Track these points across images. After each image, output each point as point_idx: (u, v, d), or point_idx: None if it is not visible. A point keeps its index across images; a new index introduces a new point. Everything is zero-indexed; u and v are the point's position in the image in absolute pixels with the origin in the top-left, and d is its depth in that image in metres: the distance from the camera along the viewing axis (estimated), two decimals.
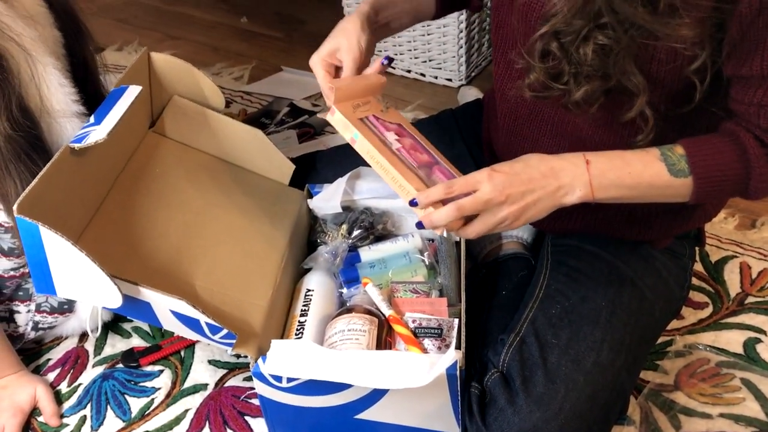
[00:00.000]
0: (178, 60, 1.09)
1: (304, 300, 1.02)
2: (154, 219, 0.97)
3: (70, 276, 0.80)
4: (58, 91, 0.94)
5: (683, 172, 0.77)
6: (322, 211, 1.15)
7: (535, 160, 0.79)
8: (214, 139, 1.13)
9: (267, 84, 1.92)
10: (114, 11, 2.38)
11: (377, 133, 0.88)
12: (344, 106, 0.87)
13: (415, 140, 0.92)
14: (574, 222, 0.99)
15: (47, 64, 0.93)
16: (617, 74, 0.78)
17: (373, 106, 0.91)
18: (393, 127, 0.91)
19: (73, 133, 0.90)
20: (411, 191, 0.81)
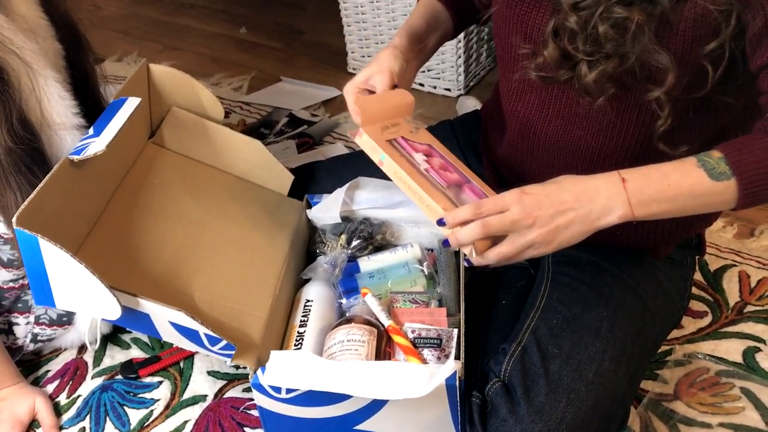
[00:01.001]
0: (177, 71, 1.10)
1: (304, 310, 1.02)
2: (153, 230, 0.97)
3: (70, 288, 0.80)
4: (58, 103, 0.94)
5: (725, 175, 0.72)
6: (321, 221, 1.15)
7: (568, 183, 0.76)
8: (214, 149, 1.13)
9: (266, 94, 1.93)
10: (114, 22, 2.39)
11: (405, 154, 0.88)
12: (372, 128, 0.88)
13: (445, 160, 0.91)
14: None
15: (48, 77, 0.94)
16: (637, 52, 0.76)
17: (402, 128, 0.91)
18: (422, 147, 0.91)
19: (73, 146, 0.90)
20: (438, 211, 0.80)
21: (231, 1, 2.45)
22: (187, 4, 2.47)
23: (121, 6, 2.51)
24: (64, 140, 0.95)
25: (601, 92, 0.81)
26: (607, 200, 0.74)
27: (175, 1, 2.50)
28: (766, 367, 1.07)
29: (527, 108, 0.94)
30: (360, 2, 1.82)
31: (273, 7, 2.39)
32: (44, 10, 1.00)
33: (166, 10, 2.45)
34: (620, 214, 0.74)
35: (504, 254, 0.77)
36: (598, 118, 0.86)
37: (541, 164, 0.97)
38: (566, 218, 0.74)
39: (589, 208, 0.74)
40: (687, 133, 0.86)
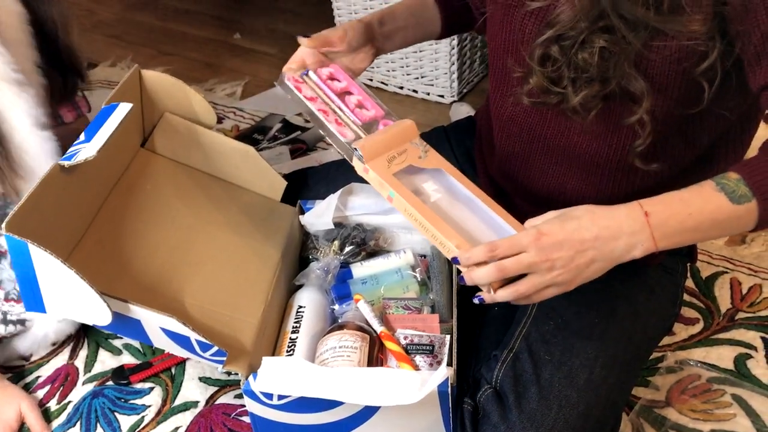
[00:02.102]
0: (170, 77, 1.10)
1: (296, 317, 1.02)
2: (145, 236, 0.97)
3: (60, 294, 0.80)
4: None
5: (746, 197, 0.71)
6: (314, 227, 1.15)
7: (587, 219, 0.73)
8: (206, 155, 1.13)
9: (260, 100, 1.93)
10: (107, 27, 2.39)
11: (415, 185, 0.87)
12: (378, 162, 0.85)
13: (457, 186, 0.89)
14: None
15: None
16: (617, 78, 0.77)
17: (410, 154, 0.88)
18: (431, 175, 0.89)
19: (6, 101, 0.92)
20: (452, 249, 0.79)
21: (225, 6, 2.45)
22: (180, 9, 2.47)
23: (115, 11, 2.51)
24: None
25: (589, 111, 0.81)
26: (630, 237, 0.72)
27: (168, 7, 2.50)
28: (757, 374, 1.08)
29: (519, 123, 0.95)
30: (354, 9, 1.82)
31: (267, 13, 2.39)
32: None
33: (159, 16, 2.45)
34: (643, 249, 0.72)
35: (521, 293, 0.74)
36: (592, 127, 0.86)
37: (536, 170, 0.98)
38: (587, 258, 0.72)
39: (611, 247, 0.72)
40: (678, 148, 0.87)
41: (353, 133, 0.89)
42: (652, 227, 0.71)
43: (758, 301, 1.20)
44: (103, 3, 2.57)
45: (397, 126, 0.90)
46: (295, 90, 0.94)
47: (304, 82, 0.95)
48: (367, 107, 0.94)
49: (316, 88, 0.94)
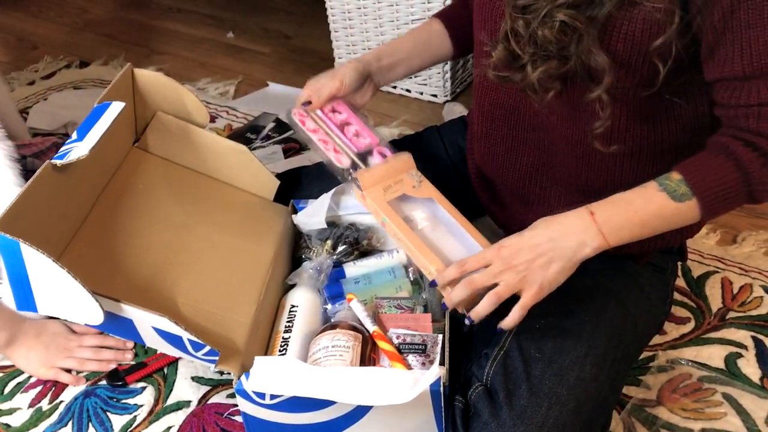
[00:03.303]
0: (162, 76, 1.09)
1: (288, 316, 1.02)
2: (137, 235, 0.97)
3: (52, 293, 0.80)
4: None
5: (686, 196, 0.78)
6: (306, 226, 1.15)
7: (541, 227, 0.82)
8: (199, 154, 1.12)
9: (253, 99, 1.93)
10: (100, 26, 2.38)
11: (406, 213, 0.97)
12: (375, 190, 0.96)
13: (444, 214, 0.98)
14: None
15: None
16: (579, 54, 0.79)
17: (405, 184, 0.99)
18: (423, 205, 0.99)
19: None
20: (433, 273, 0.88)
21: (218, 6, 2.45)
22: (173, 8, 2.47)
23: (108, 9, 2.50)
24: None
25: (547, 91, 0.83)
26: (580, 235, 0.80)
27: (161, 6, 2.50)
28: (747, 373, 1.08)
29: (492, 103, 0.97)
30: (347, 8, 1.82)
31: (260, 13, 2.39)
32: None
33: (152, 15, 2.44)
34: (595, 246, 0.80)
35: (500, 295, 0.82)
36: (559, 108, 0.88)
37: (517, 155, 1.00)
38: (545, 259, 0.80)
39: (564, 246, 0.80)
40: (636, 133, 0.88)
41: (349, 159, 1.01)
42: (598, 224, 0.80)
43: (749, 300, 1.21)
44: (96, 1, 2.57)
45: (396, 158, 1.01)
46: (300, 124, 1.06)
47: (308, 116, 1.06)
48: (363, 136, 1.05)
49: (319, 121, 1.06)
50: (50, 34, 2.35)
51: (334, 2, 1.84)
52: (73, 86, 1.99)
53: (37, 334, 1.09)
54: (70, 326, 1.14)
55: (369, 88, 1.12)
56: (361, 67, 1.08)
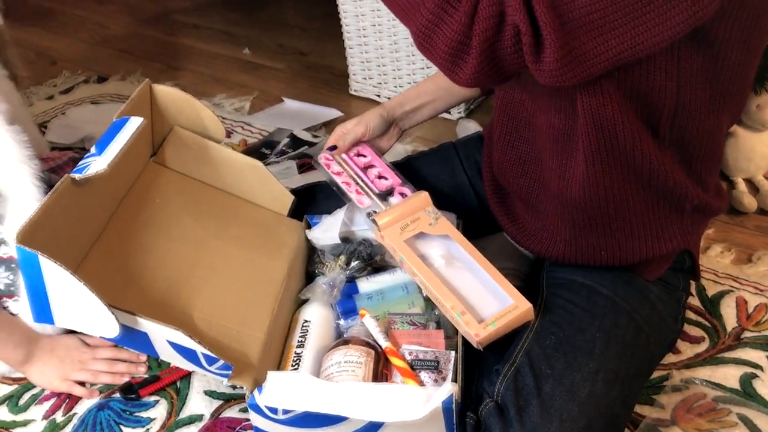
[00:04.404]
0: (180, 91, 1.11)
1: (301, 331, 1.02)
2: (154, 249, 0.98)
3: (69, 305, 0.81)
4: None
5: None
6: (320, 242, 1.16)
7: None
8: (215, 169, 1.14)
9: (268, 115, 1.94)
10: (117, 41, 2.41)
11: (423, 250, 1.00)
12: (392, 229, 1.01)
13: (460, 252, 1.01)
14: (558, 246, 1.00)
15: None
16: None
17: (421, 222, 1.03)
18: (439, 242, 1.02)
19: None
20: (449, 310, 0.92)
21: (234, 22, 2.48)
22: (190, 24, 2.50)
23: (125, 25, 2.54)
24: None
25: None
26: None
27: (178, 22, 2.53)
28: (763, 393, 1.07)
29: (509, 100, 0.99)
30: (362, 26, 1.84)
31: (276, 29, 2.42)
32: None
33: (169, 30, 2.47)
34: None
35: None
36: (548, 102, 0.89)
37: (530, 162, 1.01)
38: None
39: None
40: None
41: (370, 201, 1.08)
42: None
43: (764, 320, 1.20)
44: (114, 17, 2.60)
45: (413, 197, 1.06)
46: (325, 167, 1.14)
47: (333, 160, 1.15)
48: (386, 177, 1.11)
49: (344, 164, 1.14)
50: (69, 50, 2.38)
51: (349, 19, 1.85)
52: (91, 101, 2.01)
53: (52, 348, 1.10)
54: (83, 339, 1.15)
55: (394, 133, 1.20)
56: (386, 114, 1.15)
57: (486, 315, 0.93)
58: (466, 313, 0.92)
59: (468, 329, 0.91)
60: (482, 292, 0.96)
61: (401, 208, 1.04)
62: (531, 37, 0.71)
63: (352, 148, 1.16)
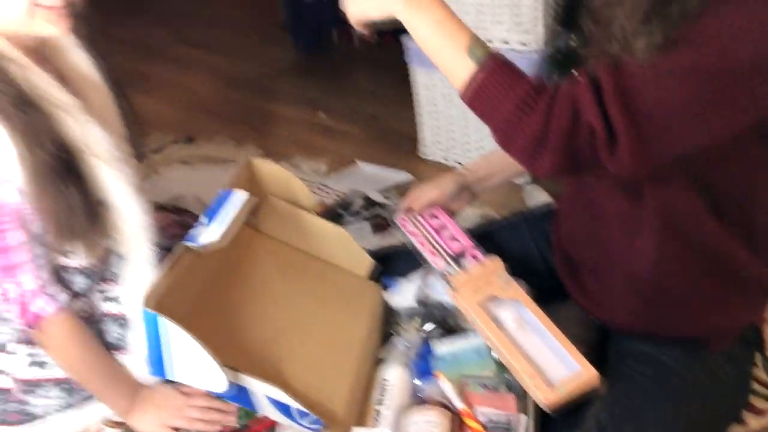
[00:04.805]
0: (275, 165, 1.23)
1: (381, 390, 1.09)
2: (250, 310, 1.08)
3: (183, 362, 0.91)
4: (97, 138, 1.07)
5: (475, 57, 0.82)
6: (397, 304, 1.23)
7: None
8: (303, 236, 1.24)
9: (343, 177, 2.05)
10: (205, 105, 2.59)
11: (495, 313, 1.06)
12: (465, 291, 1.08)
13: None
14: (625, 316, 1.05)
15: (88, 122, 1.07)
16: None
17: (494, 285, 1.09)
18: (510, 306, 1.07)
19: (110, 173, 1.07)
20: (520, 373, 0.97)
21: (312, 87, 2.63)
22: (272, 89, 2.66)
23: (212, 89, 2.72)
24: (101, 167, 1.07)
25: None
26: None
27: (261, 86, 2.70)
28: None
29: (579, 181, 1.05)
30: (433, 95, 1.94)
31: (350, 94, 2.55)
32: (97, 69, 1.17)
33: (252, 94, 2.64)
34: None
35: None
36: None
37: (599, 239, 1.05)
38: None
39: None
40: None
41: (444, 262, 1.15)
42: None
43: None
44: (201, 81, 2.80)
45: (486, 262, 1.13)
46: (401, 228, 1.23)
47: (409, 220, 1.24)
48: (458, 239, 1.18)
49: (418, 225, 1.22)
50: (160, 111, 2.57)
51: (421, 88, 1.97)
52: (181, 161, 2.17)
53: (152, 397, 1.20)
54: (180, 389, 1.25)
55: (466, 197, 1.26)
56: (460, 179, 1.23)
57: (554, 380, 0.98)
58: (536, 377, 0.97)
59: (537, 393, 0.96)
60: (551, 357, 1.01)
61: (475, 272, 1.11)
62: (605, 134, 0.77)
63: (426, 210, 1.24)
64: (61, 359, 1.11)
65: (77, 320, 1.11)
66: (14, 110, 0.97)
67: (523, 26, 1.76)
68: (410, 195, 1.26)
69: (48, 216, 1.01)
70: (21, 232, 1.01)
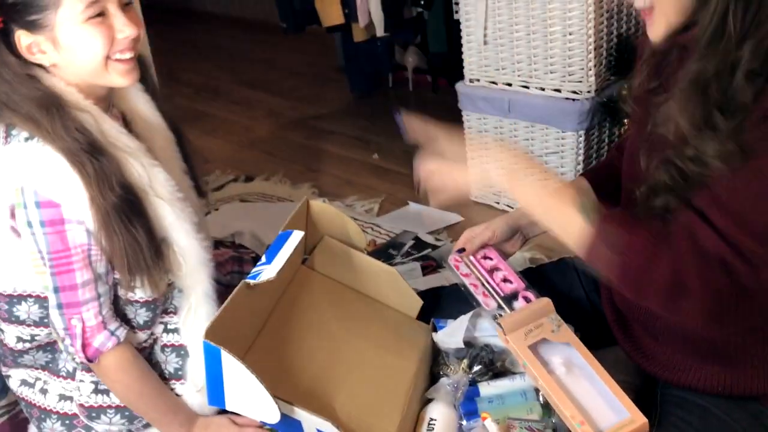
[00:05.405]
0: (331, 207, 1.28)
1: (428, 428, 1.12)
2: (303, 345, 1.12)
3: (239, 393, 0.95)
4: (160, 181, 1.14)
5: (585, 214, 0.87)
6: (445, 345, 1.26)
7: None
8: (356, 275, 1.29)
9: (394, 217, 2.10)
10: (263, 144, 2.69)
11: (545, 356, 1.07)
12: (516, 334, 1.07)
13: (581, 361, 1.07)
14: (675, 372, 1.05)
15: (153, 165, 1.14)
16: None
17: (544, 328, 1.09)
18: (560, 349, 1.08)
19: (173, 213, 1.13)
20: (568, 419, 0.98)
21: (366, 129, 2.71)
22: (327, 130, 2.75)
23: (270, 130, 2.83)
24: (164, 207, 1.13)
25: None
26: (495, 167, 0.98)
27: (316, 127, 2.79)
28: None
29: None
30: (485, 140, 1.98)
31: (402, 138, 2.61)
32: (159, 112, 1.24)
33: (308, 135, 2.73)
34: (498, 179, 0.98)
35: None
36: None
37: None
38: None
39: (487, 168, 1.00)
40: None
41: (495, 303, 1.15)
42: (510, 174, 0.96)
43: None
44: (260, 122, 2.91)
45: (536, 303, 1.12)
46: (454, 269, 1.23)
47: (462, 261, 1.23)
48: (510, 281, 1.17)
49: (471, 266, 1.21)
50: (220, 150, 2.68)
51: (473, 134, 2.01)
52: (240, 199, 2.26)
53: (207, 426, 1.25)
54: (232, 419, 1.29)
55: (519, 239, 1.27)
56: (512, 222, 1.24)
57: (603, 426, 0.98)
58: (585, 424, 0.97)
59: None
60: (600, 403, 1.01)
61: (526, 313, 1.10)
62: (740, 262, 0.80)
63: (479, 251, 1.24)
64: (118, 390, 1.17)
65: (134, 354, 1.17)
66: (87, 157, 1.04)
67: (575, 75, 1.80)
68: (463, 236, 1.27)
69: (116, 254, 1.08)
70: (87, 271, 1.08)
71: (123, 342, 1.13)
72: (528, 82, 1.89)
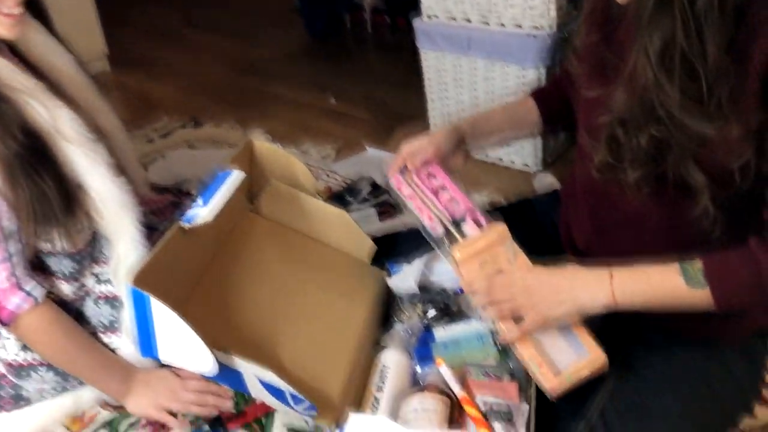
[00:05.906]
0: (278, 148, 1.21)
1: (380, 375, 1.07)
2: (247, 293, 1.06)
3: (172, 343, 0.89)
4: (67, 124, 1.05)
5: (701, 284, 0.83)
6: (399, 289, 1.21)
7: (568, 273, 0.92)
8: (305, 219, 1.22)
9: (351, 163, 2.03)
10: (214, 89, 2.58)
11: None
12: (470, 265, 1.00)
13: None
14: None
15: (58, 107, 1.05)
16: (674, 165, 0.83)
17: (500, 258, 1.02)
18: None
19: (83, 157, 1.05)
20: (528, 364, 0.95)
21: (322, 72, 2.61)
22: (281, 74, 2.64)
23: (221, 75, 2.71)
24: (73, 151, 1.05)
25: (641, 190, 0.88)
26: (595, 290, 0.89)
27: (270, 71, 2.68)
28: None
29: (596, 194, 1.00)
30: (444, 80, 1.91)
31: (361, 80, 2.53)
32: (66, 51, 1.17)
33: (262, 79, 2.62)
34: (604, 303, 0.88)
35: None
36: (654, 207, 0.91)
37: (612, 237, 1.02)
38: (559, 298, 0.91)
39: (579, 295, 0.90)
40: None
41: (442, 228, 1.06)
42: (613, 287, 0.87)
43: None
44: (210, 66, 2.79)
45: (491, 230, 1.04)
46: (397, 190, 1.11)
47: (405, 182, 1.11)
48: (458, 201, 1.08)
49: (415, 187, 1.10)
50: (168, 96, 2.56)
51: (431, 73, 1.94)
52: (188, 145, 2.16)
53: (147, 380, 1.18)
54: (176, 372, 1.23)
55: (461, 153, 1.15)
56: (456, 134, 1.13)
57: (562, 366, 0.93)
58: (543, 366, 0.93)
59: (544, 382, 0.93)
60: (560, 342, 0.96)
61: (479, 243, 1.02)
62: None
63: (422, 169, 1.12)
64: (43, 352, 1.10)
65: (56, 312, 1.10)
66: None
67: (536, 9, 1.72)
68: (403, 151, 1.12)
69: (22, 208, 1.00)
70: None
71: (42, 302, 1.05)
72: (487, 17, 1.80)
